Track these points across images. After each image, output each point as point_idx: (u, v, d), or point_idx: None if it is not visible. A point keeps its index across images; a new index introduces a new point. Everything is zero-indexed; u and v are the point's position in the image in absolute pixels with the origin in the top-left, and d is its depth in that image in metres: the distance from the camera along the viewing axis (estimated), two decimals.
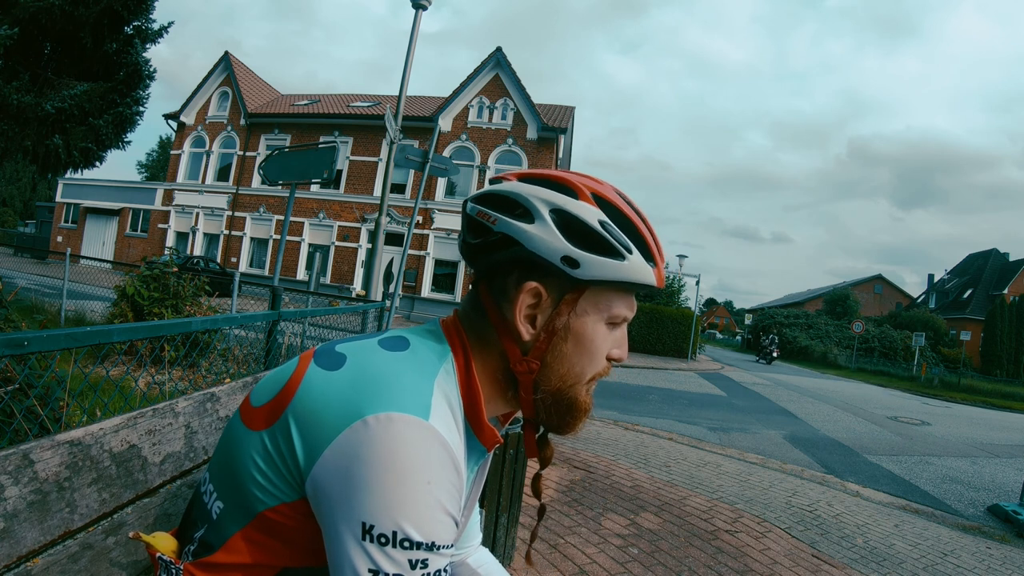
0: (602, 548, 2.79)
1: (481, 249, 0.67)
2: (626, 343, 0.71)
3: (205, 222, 23.06)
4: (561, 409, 0.68)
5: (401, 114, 7.01)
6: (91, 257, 17.84)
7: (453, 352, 0.66)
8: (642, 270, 0.64)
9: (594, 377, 0.69)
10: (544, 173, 0.67)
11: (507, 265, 0.66)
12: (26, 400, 2.14)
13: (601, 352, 0.67)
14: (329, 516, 0.55)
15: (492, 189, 0.68)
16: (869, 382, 22.29)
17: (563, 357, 0.66)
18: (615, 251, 0.63)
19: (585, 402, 0.69)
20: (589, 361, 0.67)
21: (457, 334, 0.68)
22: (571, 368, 0.66)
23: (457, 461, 0.58)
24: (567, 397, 0.67)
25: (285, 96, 25.84)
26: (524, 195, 0.65)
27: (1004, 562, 3.47)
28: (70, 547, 0.68)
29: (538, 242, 0.62)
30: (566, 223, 0.63)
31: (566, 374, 0.66)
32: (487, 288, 0.68)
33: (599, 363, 0.68)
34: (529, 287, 0.64)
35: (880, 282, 49.69)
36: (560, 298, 0.65)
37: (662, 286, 0.67)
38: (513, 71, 19.98)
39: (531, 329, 0.65)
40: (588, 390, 0.69)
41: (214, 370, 4.72)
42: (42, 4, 5.97)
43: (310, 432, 0.57)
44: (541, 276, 0.64)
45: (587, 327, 0.66)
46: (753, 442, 6.61)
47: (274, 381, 0.65)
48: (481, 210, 0.67)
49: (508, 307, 0.65)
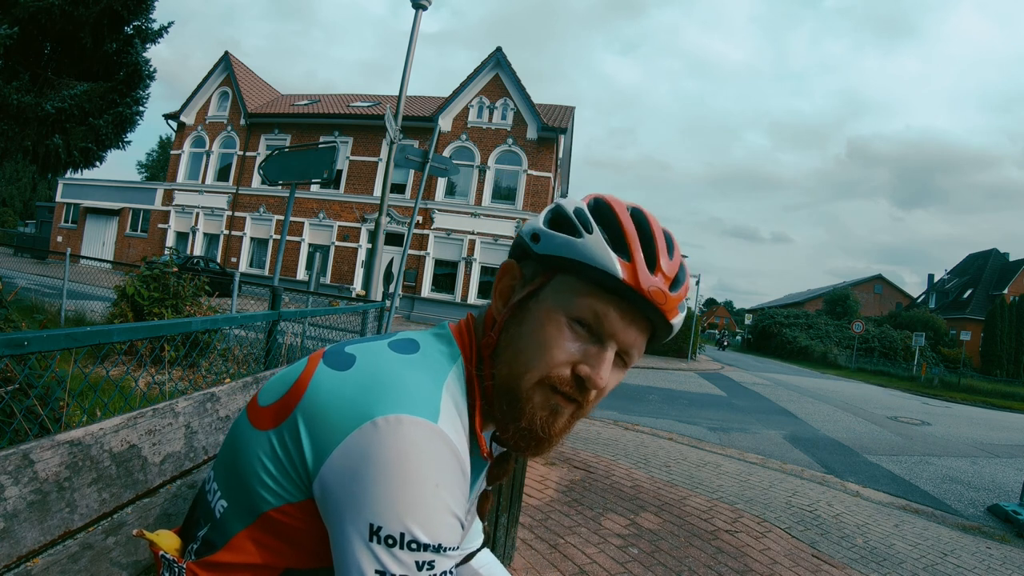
0: (602, 548, 2.79)
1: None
2: (603, 367, 0.61)
3: (205, 222, 23.06)
4: (508, 405, 0.63)
5: (401, 114, 7.00)
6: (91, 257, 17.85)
7: (463, 356, 0.66)
8: (600, 252, 0.59)
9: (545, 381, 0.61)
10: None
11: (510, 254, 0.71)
12: (26, 400, 2.14)
13: (555, 350, 0.61)
14: (336, 517, 0.55)
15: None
16: (869, 382, 22.30)
17: (513, 339, 0.64)
18: (574, 229, 0.62)
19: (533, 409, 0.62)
20: (537, 353, 0.61)
21: (470, 337, 0.68)
22: (517, 353, 0.63)
23: (464, 464, 0.58)
24: (513, 391, 0.63)
25: (285, 96, 25.84)
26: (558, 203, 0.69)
27: (1004, 562, 3.47)
28: (70, 547, 0.68)
29: (524, 227, 0.68)
30: (553, 213, 0.67)
31: (512, 359, 0.63)
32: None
33: (549, 362, 0.61)
34: (505, 264, 0.70)
35: (880, 282, 49.69)
36: (531, 280, 0.67)
37: (637, 286, 0.59)
38: (513, 71, 19.98)
39: (501, 306, 0.68)
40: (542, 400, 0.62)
41: (214, 370, 4.72)
42: (42, 4, 5.97)
43: (319, 432, 0.57)
44: (520, 258, 0.69)
45: (542, 314, 0.62)
46: (753, 442, 6.61)
47: (282, 381, 0.65)
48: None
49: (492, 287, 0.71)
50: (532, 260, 0.66)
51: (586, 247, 0.60)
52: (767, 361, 30.58)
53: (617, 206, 0.65)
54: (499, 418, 0.65)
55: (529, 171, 19.77)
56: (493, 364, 0.65)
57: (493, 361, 0.66)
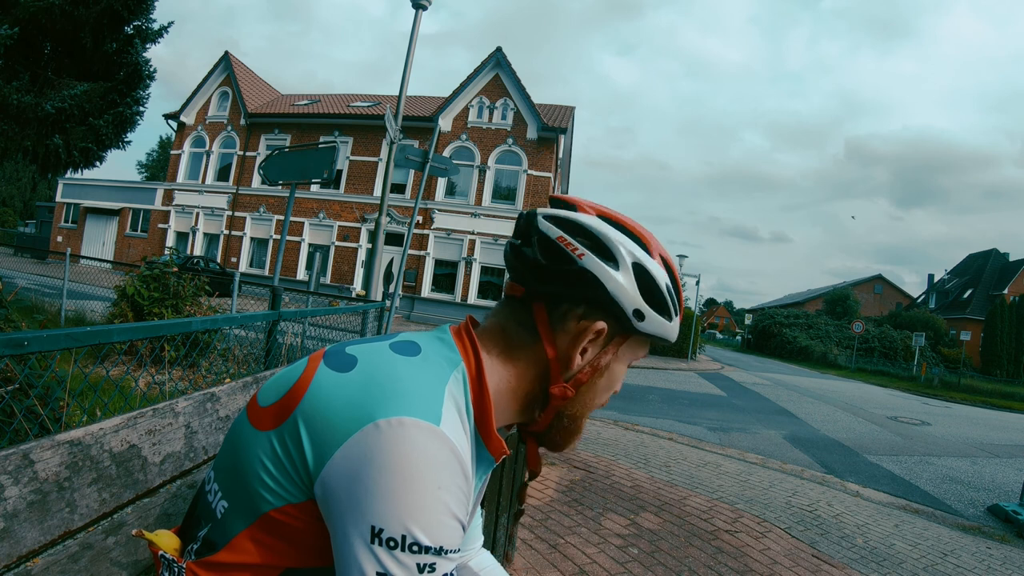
0: (602, 548, 2.79)
1: (556, 275, 0.68)
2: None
3: (205, 222, 23.06)
4: (569, 432, 0.74)
5: (401, 114, 7.00)
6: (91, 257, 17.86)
7: (464, 359, 0.66)
8: (675, 330, 0.72)
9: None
10: (621, 218, 0.72)
11: (578, 298, 0.68)
12: (26, 400, 2.14)
13: (617, 389, 0.76)
14: (338, 518, 0.55)
15: (576, 219, 0.69)
16: (869, 382, 22.30)
17: (594, 390, 0.72)
18: (670, 314, 0.70)
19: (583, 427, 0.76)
20: (607, 395, 0.74)
21: (470, 341, 0.68)
22: (593, 400, 0.73)
23: (466, 467, 0.58)
24: (578, 423, 0.74)
25: (285, 96, 25.84)
26: (609, 237, 0.68)
27: (1004, 562, 3.47)
28: (70, 547, 0.68)
29: (619, 290, 0.67)
30: (643, 279, 0.68)
31: (588, 403, 0.73)
32: (546, 311, 0.69)
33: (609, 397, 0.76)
34: (598, 327, 0.68)
35: (880, 282, 49.69)
36: (611, 339, 0.70)
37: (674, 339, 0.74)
38: (513, 71, 19.98)
39: (580, 360, 0.70)
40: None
41: (214, 370, 4.72)
42: (42, 4, 5.97)
43: (320, 434, 0.57)
44: (607, 318, 0.68)
45: (619, 368, 0.73)
46: (753, 442, 6.61)
47: (283, 381, 0.65)
48: (563, 236, 0.68)
49: (566, 337, 0.69)
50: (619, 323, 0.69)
51: (672, 329, 0.72)
52: (767, 361, 30.59)
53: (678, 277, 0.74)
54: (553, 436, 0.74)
55: (529, 171, 19.77)
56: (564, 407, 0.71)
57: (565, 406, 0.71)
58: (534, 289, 0.69)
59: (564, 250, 0.67)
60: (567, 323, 0.68)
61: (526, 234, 0.71)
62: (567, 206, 0.71)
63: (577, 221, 0.68)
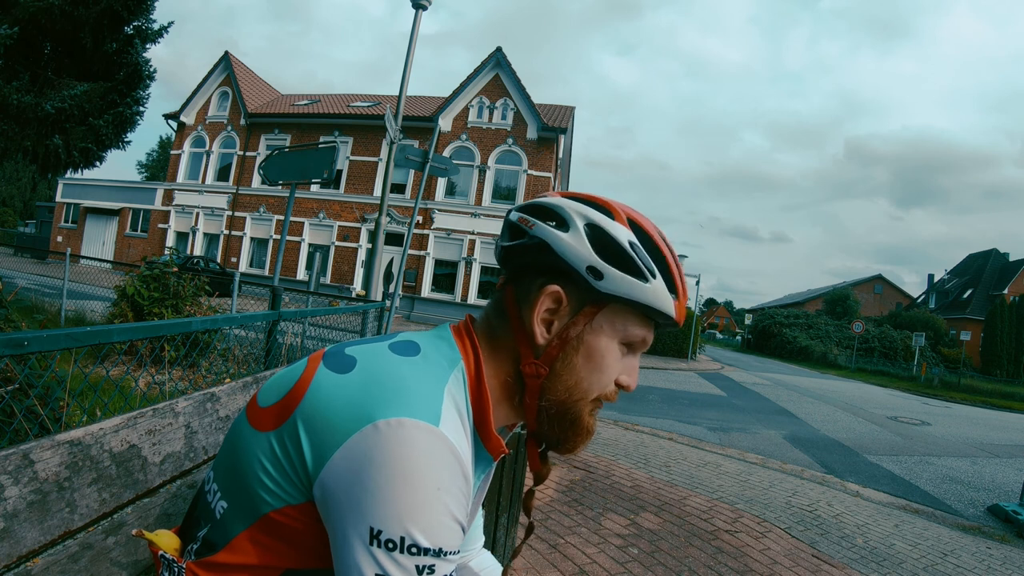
0: (602, 548, 2.79)
1: (514, 251, 0.69)
2: (637, 372, 0.71)
3: (205, 222, 23.05)
4: (564, 424, 0.68)
5: (401, 114, 7.00)
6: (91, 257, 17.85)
7: (464, 359, 0.66)
8: (663, 298, 0.65)
9: (599, 398, 0.69)
10: (587, 194, 0.70)
11: (535, 269, 0.67)
12: (26, 400, 2.14)
13: (610, 373, 0.68)
14: (337, 520, 0.55)
15: (536, 200, 0.71)
16: (869, 382, 22.30)
17: (572, 368, 0.66)
18: (639, 272, 0.64)
19: (588, 423, 0.69)
20: (597, 378, 0.67)
21: (469, 340, 0.68)
22: (578, 382, 0.67)
23: (466, 468, 0.58)
24: (571, 412, 0.67)
25: (285, 96, 25.83)
26: (563, 207, 0.67)
27: (1004, 562, 3.47)
28: (70, 547, 0.68)
29: (568, 249, 0.64)
30: (598, 237, 0.65)
31: (573, 387, 0.67)
32: (513, 290, 0.69)
33: (606, 384, 0.68)
34: (550, 290, 0.66)
35: (880, 282, 49.69)
36: (579, 309, 0.66)
37: (681, 323, 0.68)
38: (513, 71, 19.98)
39: (546, 334, 0.66)
40: (592, 411, 0.69)
41: (214, 370, 4.72)
42: (42, 4, 5.97)
43: (319, 435, 0.57)
44: (564, 283, 0.66)
45: (600, 343, 0.66)
46: (753, 442, 6.61)
47: (282, 382, 0.64)
48: (522, 216, 0.69)
49: (528, 309, 0.67)
50: (581, 289, 0.65)
51: (652, 293, 0.65)
52: (767, 361, 30.59)
53: (659, 241, 0.68)
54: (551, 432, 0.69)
55: (529, 171, 19.77)
56: (543, 389, 0.67)
57: (544, 388, 0.67)
58: (507, 273, 0.72)
59: (520, 227, 0.69)
60: (529, 295, 0.67)
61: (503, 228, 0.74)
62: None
63: (539, 203, 0.70)
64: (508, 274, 0.71)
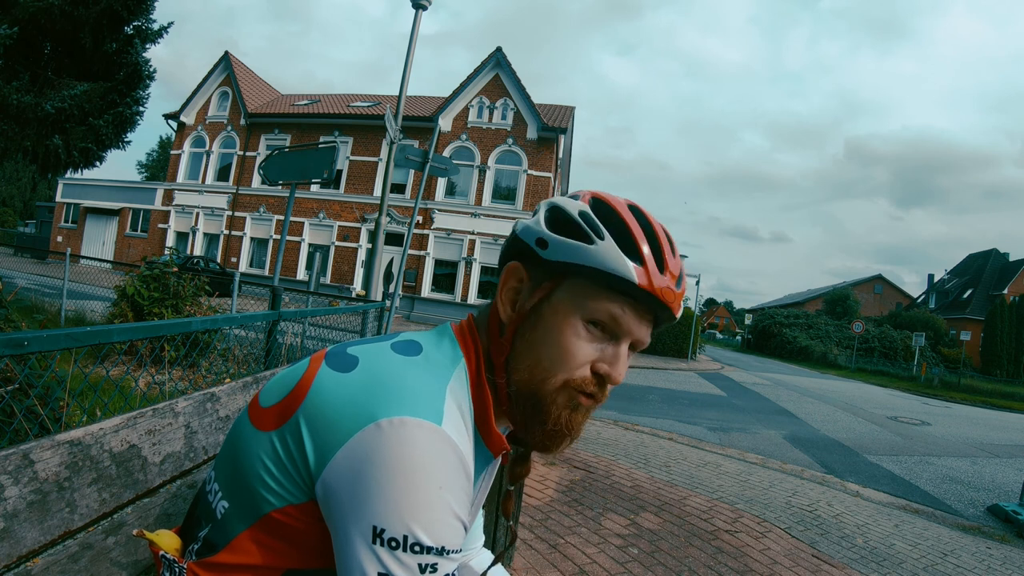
0: (602, 548, 2.79)
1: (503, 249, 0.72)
2: (620, 363, 0.64)
3: (205, 222, 23.05)
4: (529, 409, 0.65)
5: (401, 114, 7.00)
6: (91, 257, 17.85)
7: (465, 357, 0.66)
8: (614, 259, 0.60)
9: (571, 387, 0.64)
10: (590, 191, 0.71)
11: (508, 255, 0.70)
12: (26, 400, 2.14)
13: (574, 354, 0.63)
14: (339, 519, 0.55)
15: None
16: (869, 382, 22.30)
17: (531, 345, 0.64)
18: (584, 235, 0.62)
19: (559, 415, 0.64)
20: (560, 358, 0.63)
21: (472, 338, 0.68)
22: (538, 360, 0.63)
23: (467, 466, 0.58)
24: (535, 395, 0.64)
25: (285, 96, 25.83)
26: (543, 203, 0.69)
27: (1004, 562, 3.47)
28: (70, 547, 0.68)
29: (525, 228, 0.67)
30: (553, 216, 0.65)
31: (533, 365, 0.64)
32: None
33: (573, 367, 0.63)
34: (510, 266, 0.68)
35: (880, 282, 49.69)
36: (538, 284, 0.66)
37: (651, 288, 0.61)
38: (513, 71, 19.97)
39: (509, 311, 0.67)
40: (566, 402, 0.64)
41: (214, 370, 4.72)
42: (42, 4, 5.97)
43: (321, 434, 0.57)
44: (523, 259, 0.67)
45: (558, 318, 0.63)
46: (753, 442, 6.61)
47: (284, 382, 0.65)
48: None
49: (497, 290, 0.69)
50: (538, 265, 0.65)
51: (599, 254, 0.61)
52: (767, 361, 30.59)
53: (619, 207, 0.65)
54: (521, 421, 0.67)
55: (529, 171, 19.77)
56: (508, 369, 0.66)
57: (507, 366, 0.66)
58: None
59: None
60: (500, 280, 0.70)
61: None
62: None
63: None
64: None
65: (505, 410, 0.69)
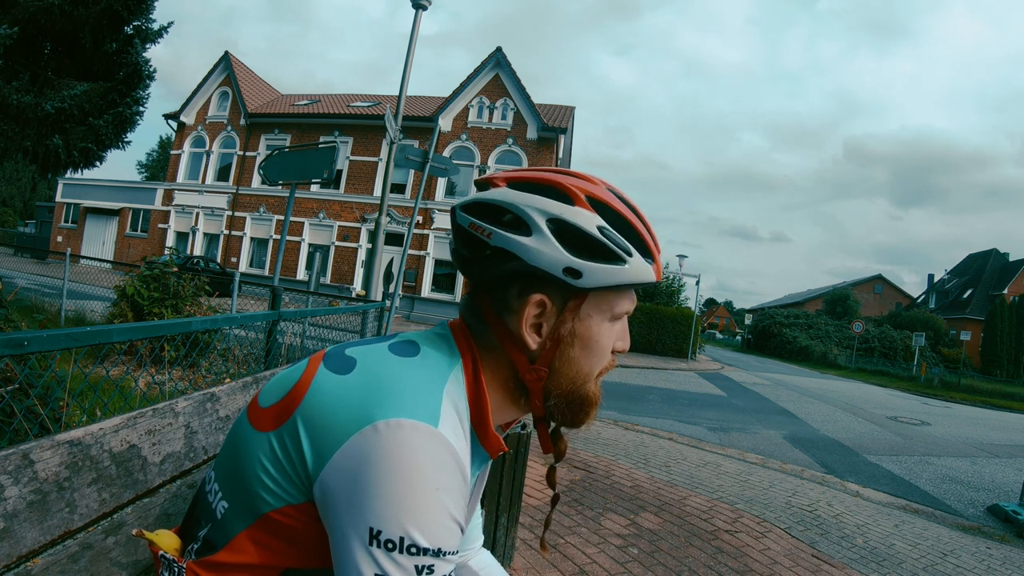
0: (602, 548, 2.79)
1: (477, 262, 0.66)
2: (627, 334, 0.72)
3: (205, 222, 23.05)
4: (574, 407, 0.69)
5: (401, 114, 7.00)
6: (91, 257, 17.84)
7: (462, 359, 0.66)
8: (643, 270, 0.64)
9: (602, 372, 0.70)
10: (534, 176, 0.66)
11: (508, 276, 0.64)
12: (26, 400, 2.14)
13: (607, 349, 0.68)
14: (336, 520, 0.55)
15: (482, 197, 0.67)
16: (869, 382, 22.29)
17: (571, 361, 0.66)
18: (616, 256, 0.63)
19: (595, 394, 0.70)
20: (597, 360, 0.68)
21: (466, 340, 0.68)
22: (580, 369, 0.67)
23: (464, 468, 0.58)
24: (579, 395, 0.68)
25: (285, 96, 25.83)
26: (518, 205, 0.63)
27: (1004, 562, 3.47)
28: (70, 547, 0.68)
29: (537, 255, 0.61)
30: (564, 233, 0.62)
31: (575, 375, 0.67)
32: (488, 299, 0.67)
33: (605, 359, 0.69)
34: (534, 299, 0.63)
35: (880, 282, 49.68)
36: (564, 305, 0.64)
37: (660, 279, 0.68)
38: (513, 71, 19.98)
39: (537, 338, 0.65)
40: (597, 383, 0.70)
41: (214, 370, 4.72)
42: (42, 4, 5.97)
43: (319, 435, 0.57)
44: (543, 287, 0.63)
45: (592, 328, 0.66)
46: (753, 442, 6.61)
47: (283, 383, 0.65)
48: (474, 222, 0.65)
49: (513, 319, 0.65)
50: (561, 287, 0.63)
51: (632, 271, 0.64)
52: (767, 361, 30.58)
53: (624, 211, 0.65)
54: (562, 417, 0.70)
55: None
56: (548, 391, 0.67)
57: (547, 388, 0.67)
58: (474, 282, 0.69)
59: (476, 236, 0.65)
60: (510, 305, 0.65)
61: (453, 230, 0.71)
62: (483, 186, 0.69)
63: (486, 200, 0.66)
64: (476, 283, 0.69)
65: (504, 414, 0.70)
